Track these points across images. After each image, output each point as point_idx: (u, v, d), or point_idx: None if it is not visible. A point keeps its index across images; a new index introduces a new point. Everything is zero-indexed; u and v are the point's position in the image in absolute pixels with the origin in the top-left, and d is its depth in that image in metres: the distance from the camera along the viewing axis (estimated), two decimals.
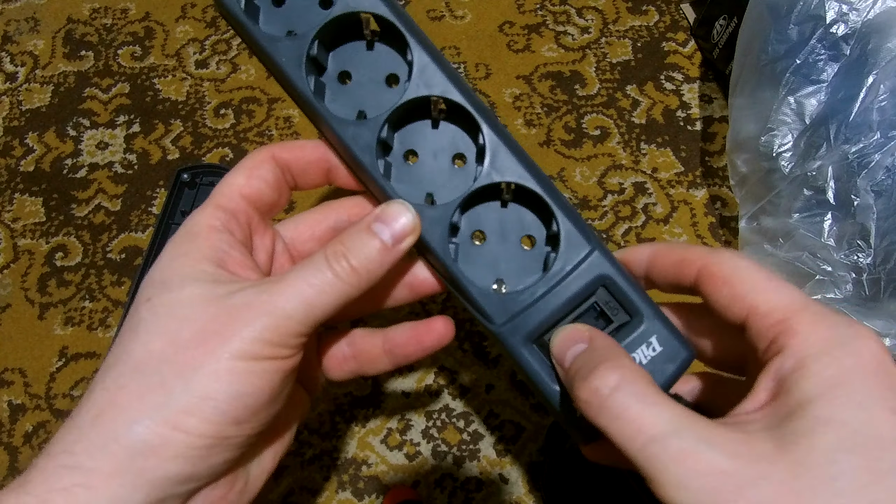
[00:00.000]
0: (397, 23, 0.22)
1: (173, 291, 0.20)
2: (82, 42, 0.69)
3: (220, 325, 0.20)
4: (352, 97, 0.24)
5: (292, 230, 0.26)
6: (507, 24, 0.69)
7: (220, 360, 0.19)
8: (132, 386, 0.19)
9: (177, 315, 0.20)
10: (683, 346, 0.22)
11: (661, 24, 0.69)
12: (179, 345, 0.19)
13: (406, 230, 0.22)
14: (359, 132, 0.23)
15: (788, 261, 0.46)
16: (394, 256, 0.22)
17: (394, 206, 0.22)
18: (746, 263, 0.20)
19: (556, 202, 0.23)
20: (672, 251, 0.22)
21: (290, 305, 0.20)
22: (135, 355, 0.20)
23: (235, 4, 0.22)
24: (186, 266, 0.21)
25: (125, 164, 0.62)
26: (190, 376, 0.19)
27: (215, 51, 0.68)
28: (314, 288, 0.20)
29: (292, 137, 0.63)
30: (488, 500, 0.47)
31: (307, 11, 0.23)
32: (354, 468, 0.49)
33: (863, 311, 0.43)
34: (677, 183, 0.60)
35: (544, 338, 0.23)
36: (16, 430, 0.50)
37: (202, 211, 0.23)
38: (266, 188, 0.24)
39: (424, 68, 0.22)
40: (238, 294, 0.20)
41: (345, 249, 0.21)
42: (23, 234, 0.59)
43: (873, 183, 0.43)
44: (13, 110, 0.65)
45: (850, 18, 0.44)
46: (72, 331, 0.54)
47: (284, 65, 0.23)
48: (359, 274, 0.21)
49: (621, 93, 0.65)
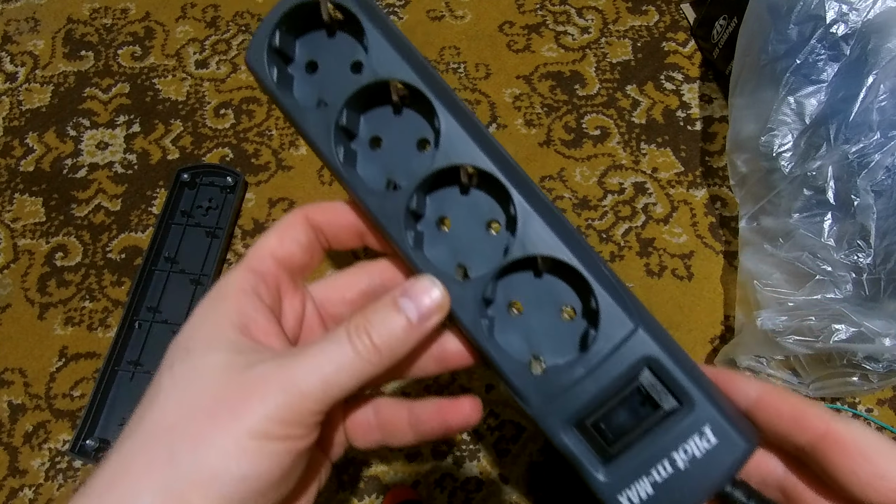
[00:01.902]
0: (424, 89, 0.22)
1: (194, 359, 0.20)
2: (82, 42, 0.69)
3: (234, 398, 0.19)
4: (382, 163, 0.23)
5: (323, 292, 0.25)
6: (507, 24, 0.69)
7: (231, 437, 0.19)
8: (142, 456, 0.19)
9: (194, 385, 0.20)
10: (742, 437, 0.20)
11: (661, 24, 0.69)
12: (192, 416, 0.19)
13: (434, 307, 0.21)
14: (387, 203, 0.22)
15: (788, 261, 0.46)
16: (419, 334, 0.21)
17: (422, 280, 0.21)
18: (874, 435, 0.19)
19: (594, 274, 0.21)
20: (786, 399, 0.20)
21: (306, 382, 0.19)
22: (150, 424, 0.19)
23: (267, 76, 0.22)
24: (210, 332, 0.21)
25: (125, 164, 0.62)
26: (198, 451, 0.19)
27: (215, 51, 0.68)
28: (333, 364, 0.20)
29: (292, 138, 0.63)
30: (488, 500, 0.47)
31: (339, 79, 0.23)
32: (354, 468, 0.49)
33: (863, 311, 0.43)
34: (677, 183, 0.60)
35: (586, 422, 0.21)
36: (16, 430, 0.50)
37: (233, 272, 0.22)
38: (298, 250, 0.23)
39: (452, 135, 0.22)
40: (257, 366, 0.20)
41: (367, 324, 0.20)
42: (23, 234, 0.59)
43: (873, 183, 0.43)
44: (13, 110, 0.65)
45: (850, 18, 0.44)
46: (72, 331, 0.54)
47: (314, 135, 0.22)
48: (380, 352, 0.20)
49: (621, 93, 0.65)
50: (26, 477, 0.49)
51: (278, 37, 0.22)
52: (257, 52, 0.22)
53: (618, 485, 0.20)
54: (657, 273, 0.56)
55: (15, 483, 0.49)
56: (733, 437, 0.20)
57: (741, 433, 0.20)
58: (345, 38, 0.23)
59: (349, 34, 0.23)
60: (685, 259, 0.56)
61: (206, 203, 0.58)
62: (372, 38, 0.22)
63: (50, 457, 0.49)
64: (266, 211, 0.59)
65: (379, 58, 0.22)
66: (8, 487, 0.48)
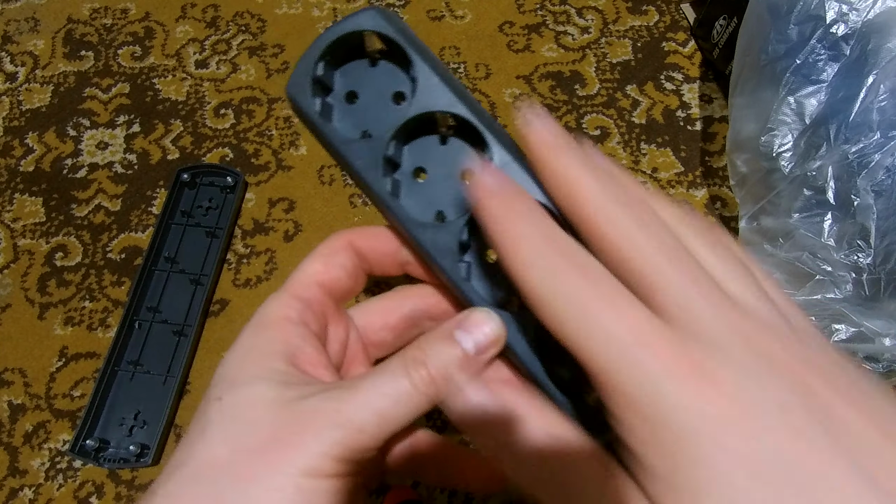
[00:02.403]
0: (475, 122, 0.21)
1: (241, 392, 0.19)
2: (82, 42, 0.69)
3: (286, 434, 0.18)
4: (428, 194, 0.23)
5: (364, 317, 0.24)
6: (507, 24, 0.69)
7: (283, 476, 0.18)
8: (188, 496, 0.18)
9: (243, 419, 0.19)
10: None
11: (661, 24, 0.69)
12: (241, 453, 0.18)
13: (491, 340, 0.20)
14: (438, 236, 0.22)
15: (788, 261, 0.46)
16: (475, 367, 0.20)
17: (477, 313, 0.21)
18: None
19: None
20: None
21: (361, 417, 0.18)
22: (197, 461, 0.19)
23: (311, 108, 0.22)
24: (257, 362, 0.20)
25: (125, 164, 0.62)
26: (249, 491, 0.18)
27: (215, 51, 0.68)
28: (389, 398, 0.19)
29: (292, 137, 0.63)
30: (488, 500, 0.47)
31: (382, 107, 0.22)
32: None
33: (863, 311, 0.43)
34: (677, 183, 0.60)
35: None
36: (16, 430, 0.50)
37: (277, 299, 0.22)
38: (344, 275, 0.23)
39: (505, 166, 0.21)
40: (309, 400, 0.19)
41: (424, 357, 0.20)
42: (23, 234, 0.59)
43: (873, 183, 0.43)
44: (13, 110, 0.65)
45: (850, 18, 0.44)
46: (72, 331, 0.54)
47: (361, 168, 0.22)
48: (437, 384, 0.20)
49: (621, 93, 0.65)
50: (26, 477, 0.49)
51: (322, 68, 0.22)
52: (301, 84, 0.22)
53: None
54: None
55: (15, 483, 0.49)
56: None
57: None
58: (386, 68, 0.23)
59: (393, 64, 0.23)
60: None
61: (206, 203, 0.58)
62: (420, 69, 0.21)
63: (50, 457, 0.49)
64: (266, 211, 0.59)
65: (428, 91, 0.21)
66: (8, 487, 0.49)
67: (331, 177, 0.61)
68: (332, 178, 0.61)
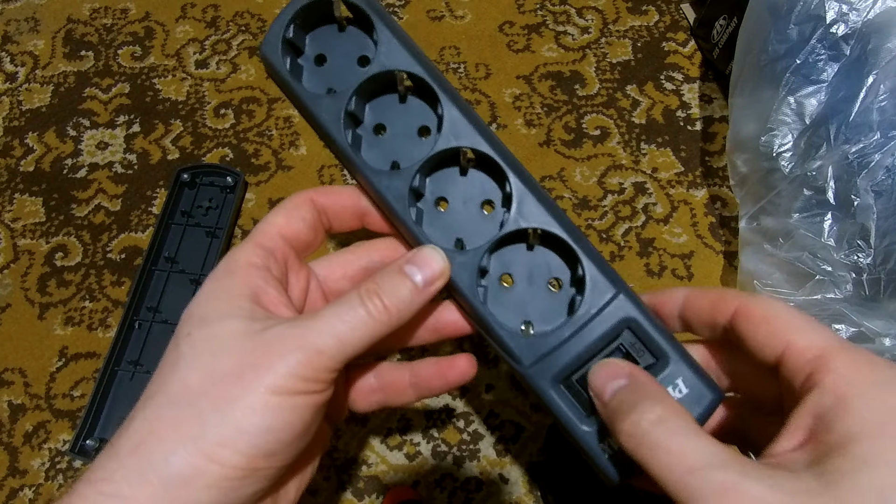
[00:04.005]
0: (429, 80, 0.24)
1: (212, 327, 0.21)
2: (82, 42, 0.69)
3: (255, 359, 0.20)
4: (386, 148, 0.26)
5: (325, 269, 0.27)
6: (507, 24, 0.69)
7: (255, 395, 0.20)
8: (169, 417, 0.20)
9: (214, 349, 0.21)
10: (709, 388, 0.22)
11: (661, 24, 0.69)
12: (216, 378, 0.20)
13: (437, 274, 0.23)
14: (392, 182, 0.24)
15: (788, 261, 0.46)
16: (424, 298, 0.23)
17: (426, 250, 0.24)
18: (783, 305, 0.21)
19: (581, 247, 0.24)
20: (707, 293, 0.23)
21: (322, 341, 0.21)
22: (173, 388, 0.21)
23: (282, 65, 0.24)
24: (224, 302, 0.22)
25: (125, 164, 0.62)
26: (225, 409, 0.20)
27: (215, 51, 0.68)
28: (347, 325, 0.21)
29: (292, 138, 0.63)
30: (488, 500, 0.47)
31: (346, 70, 0.25)
32: (354, 468, 0.49)
33: (863, 311, 0.43)
34: (677, 183, 0.60)
35: (572, 378, 0.23)
36: (16, 430, 0.50)
37: (242, 248, 0.24)
38: (304, 228, 0.25)
39: (454, 122, 0.24)
40: (273, 329, 0.21)
41: (378, 289, 0.22)
42: (23, 234, 0.59)
43: (873, 183, 0.43)
44: (13, 110, 0.65)
45: (850, 18, 0.44)
46: (72, 331, 0.54)
47: (324, 120, 0.24)
48: (390, 313, 0.22)
49: (621, 93, 0.65)
50: (26, 477, 0.49)
51: (292, 30, 0.24)
52: (272, 44, 0.24)
53: (600, 434, 0.23)
54: (657, 273, 0.56)
55: (15, 483, 0.49)
56: (703, 388, 0.22)
57: (709, 385, 0.23)
58: (353, 34, 0.25)
59: (359, 30, 0.25)
60: (685, 259, 0.56)
61: (206, 203, 0.58)
62: (382, 34, 0.24)
63: (50, 457, 0.49)
64: (266, 211, 0.59)
65: (388, 52, 0.24)
66: (8, 487, 0.49)
67: (331, 177, 0.61)
68: (332, 178, 0.61)
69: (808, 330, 0.20)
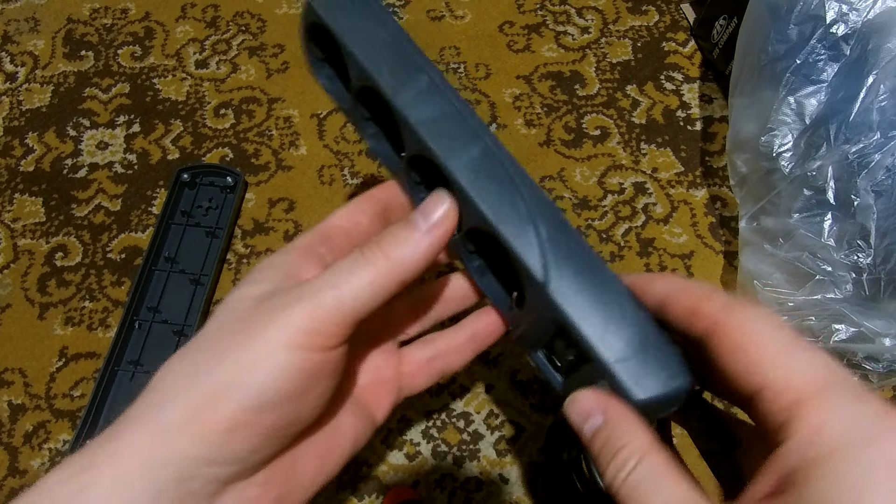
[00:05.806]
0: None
1: (235, 293, 0.22)
2: (82, 42, 0.69)
3: (258, 315, 0.21)
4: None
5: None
6: (507, 24, 0.69)
7: (257, 349, 0.20)
8: (172, 372, 0.21)
9: (230, 309, 0.22)
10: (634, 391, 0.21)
11: (661, 24, 0.69)
12: (218, 335, 0.21)
13: (442, 216, 0.23)
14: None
15: (788, 261, 0.46)
16: (428, 243, 0.22)
17: (432, 196, 0.24)
18: (765, 326, 0.19)
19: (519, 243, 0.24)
20: (686, 297, 0.21)
21: (324, 295, 0.21)
22: (187, 346, 0.22)
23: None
24: (260, 273, 0.23)
25: (125, 164, 0.62)
26: (225, 363, 0.20)
27: (215, 51, 0.68)
28: (349, 277, 0.21)
29: (292, 137, 0.63)
30: (488, 500, 0.47)
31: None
32: (354, 468, 0.49)
33: (863, 311, 0.43)
34: (677, 183, 0.60)
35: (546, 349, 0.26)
36: (16, 430, 0.50)
37: (304, 235, 0.25)
38: (365, 220, 0.26)
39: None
40: (285, 292, 0.22)
41: (378, 239, 0.22)
42: (23, 234, 0.59)
43: (873, 183, 0.43)
44: (13, 110, 0.65)
45: (850, 18, 0.44)
46: (72, 331, 0.54)
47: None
48: (391, 260, 0.22)
49: (621, 93, 0.65)
50: (26, 477, 0.49)
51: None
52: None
53: (571, 390, 0.23)
54: None
55: (15, 483, 0.49)
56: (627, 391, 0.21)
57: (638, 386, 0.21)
58: None
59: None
60: (685, 259, 0.56)
61: (206, 203, 0.58)
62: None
63: (50, 457, 0.49)
64: (266, 211, 0.59)
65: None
66: (8, 487, 0.49)
67: (331, 177, 0.61)
68: (332, 178, 0.61)
69: (789, 365, 0.18)
